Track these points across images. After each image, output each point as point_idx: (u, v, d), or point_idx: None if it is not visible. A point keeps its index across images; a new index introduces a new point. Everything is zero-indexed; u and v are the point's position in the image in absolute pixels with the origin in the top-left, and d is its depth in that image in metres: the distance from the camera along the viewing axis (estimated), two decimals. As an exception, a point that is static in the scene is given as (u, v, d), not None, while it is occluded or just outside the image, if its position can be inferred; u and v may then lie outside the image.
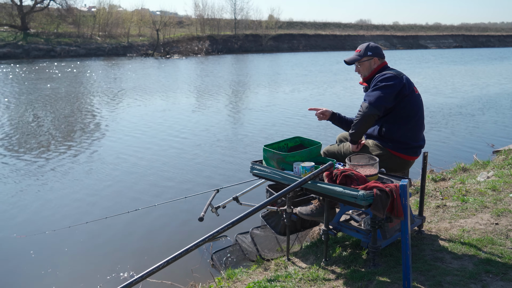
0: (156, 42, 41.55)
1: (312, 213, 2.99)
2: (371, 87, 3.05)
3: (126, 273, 3.74)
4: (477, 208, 3.53)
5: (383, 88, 2.96)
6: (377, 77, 3.07)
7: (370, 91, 3.04)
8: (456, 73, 22.88)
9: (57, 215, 4.97)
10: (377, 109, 2.93)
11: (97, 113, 11.45)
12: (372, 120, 2.97)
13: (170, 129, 9.46)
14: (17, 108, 12.03)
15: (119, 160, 7.05)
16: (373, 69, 3.19)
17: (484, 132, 9.06)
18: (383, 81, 3.00)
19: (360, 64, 3.22)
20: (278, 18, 59.81)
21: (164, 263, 2.32)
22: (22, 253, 4.10)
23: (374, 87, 3.01)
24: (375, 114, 2.94)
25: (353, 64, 3.25)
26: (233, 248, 3.78)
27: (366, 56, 3.18)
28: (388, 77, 3.01)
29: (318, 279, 2.66)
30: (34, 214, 5.00)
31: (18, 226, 4.69)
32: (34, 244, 4.28)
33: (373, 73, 3.19)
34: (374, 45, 3.23)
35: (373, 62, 3.19)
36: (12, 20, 38.44)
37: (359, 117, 2.98)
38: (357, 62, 3.22)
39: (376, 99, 2.94)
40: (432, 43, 62.83)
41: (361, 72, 3.24)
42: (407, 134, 3.02)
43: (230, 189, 4.20)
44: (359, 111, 2.99)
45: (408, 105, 3.01)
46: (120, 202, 5.33)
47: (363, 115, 2.95)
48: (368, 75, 3.21)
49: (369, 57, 3.18)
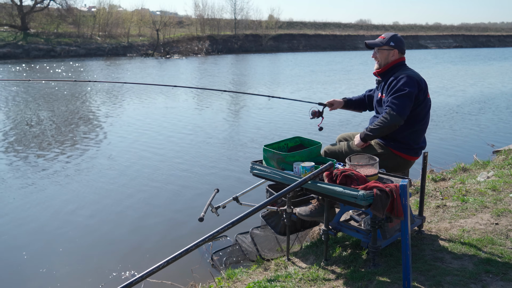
0: (156, 42, 41.54)
1: (311, 213, 2.99)
2: (393, 88, 2.95)
3: (127, 273, 3.73)
4: (477, 208, 3.53)
5: (408, 96, 2.89)
6: (401, 78, 2.96)
7: (394, 95, 2.92)
8: (456, 73, 22.88)
9: (57, 215, 4.97)
10: (403, 119, 2.89)
11: (97, 113, 11.45)
12: (395, 129, 2.94)
13: (170, 129, 9.46)
14: (17, 108, 12.03)
15: (119, 160, 7.05)
16: (391, 61, 3.11)
17: (484, 132, 9.06)
18: (408, 85, 2.92)
19: (379, 50, 3.13)
20: (278, 18, 59.88)
21: (164, 263, 2.32)
22: (22, 253, 4.09)
23: (400, 92, 2.91)
24: (400, 124, 2.90)
25: (372, 48, 3.17)
26: (233, 248, 3.78)
27: (388, 46, 3.10)
28: (412, 81, 2.94)
29: (318, 279, 2.66)
30: (34, 213, 5.00)
31: (19, 225, 4.69)
32: (34, 244, 4.28)
33: (389, 66, 3.11)
34: (400, 37, 3.15)
35: (392, 53, 3.11)
36: (12, 20, 38.44)
37: (383, 124, 2.90)
38: (377, 47, 3.13)
39: (404, 109, 2.87)
40: (432, 43, 62.81)
41: (378, 59, 3.15)
42: (411, 136, 3.03)
43: (230, 189, 4.20)
44: (385, 118, 2.90)
45: (418, 110, 2.99)
46: (120, 202, 5.33)
47: (389, 124, 2.88)
48: (384, 67, 3.12)
49: (390, 48, 3.10)
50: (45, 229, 4.62)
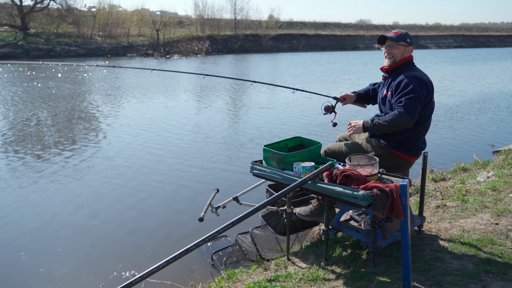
0: (156, 42, 41.54)
1: (311, 213, 2.99)
2: (404, 89, 2.89)
3: (127, 273, 3.73)
4: (477, 208, 3.53)
5: (420, 100, 2.87)
6: (413, 79, 2.91)
7: (406, 97, 2.86)
8: (456, 73, 22.88)
9: (57, 215, 4.97)
10: (413, 122, 2.87)
11: (97, 112, 11.45)
12: (401, 129, 2.91)
13: (170, 129, 9.46)
14: (16, 107, 12.03)
15: (119, 160, 7.05)
16: (404, 58, 3.07)
17: (484, 132, 9.06)
18: (420, 88, 2.88)
19: (397, 46, 3.04)
20: (278, 18, 59.85)
21: (164, 263, 2.32)
22: (22, 253, 4.09)
23: (412, 94, 2.85)
24: (409, 126, 2.88)
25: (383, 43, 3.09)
26: (233, 248, 3.78)
27: (405, 42, 3.05)
28: (423, 84, 2.91)
29: (318, 279, 2.66)
30: (34, 214, 5.00)
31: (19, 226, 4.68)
32: (34, 244, 4.28)
33: (401, 63, 3.06)
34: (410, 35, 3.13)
35: (407, 50, 3.07)
36: (12, 20, 38.42)
37: (392, 122, 2.85)
38: (394, 42, 3.04)
39: (416, 112, 2.85)
40: (432, 43, 62.80)
41: (393, 55, 3.05)
42: (412, 137, 3.03)
43: (230, 189, 4.20)
44: (396, 117, 2.84)
45: (422, 112, 2.97)
46: (120, 202, 5.33)
47: (398, 124, 2.84)
48: (396, 63, 3.06)
49: (407, 44, 3.05)
50: (45, 229, 4.62)
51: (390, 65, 3.09)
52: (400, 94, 2.92)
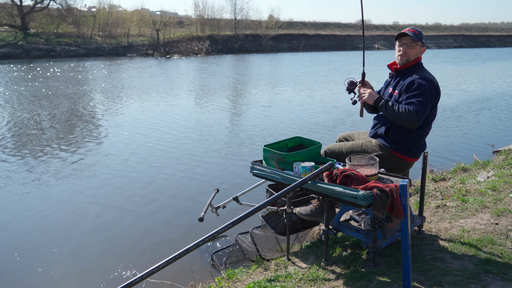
0: (156, 42, 41.54)
1: (311, 213, 2.99)
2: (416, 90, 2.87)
3: (127, 273, 3.73)
4: (477, 208, 3.53)
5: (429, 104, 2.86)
6: (425, 81, 2.88)
7: (417, 98, 2.84)
8: (456, 73, 22.89)
9: (57, 215, 4.97)
10: (419, 124, 2.86)
11: (97, 112, 11.45)
12: (404, 127, 2.91)
13: (170, 129, 9.46)
14: (16, 107, 12.03)
15: (118, 160, 7.05)
16: (417, 58, 3.04)
17: (484, 132, 9.07)
18: (431, 91, 2.87)
19: (412, 45, 2.98)
20: (278, 18, 59.88)
21: (164, 263, 2.33)
22: (22, 253, 4.09)
23: (424, 97, 2.83)
24: (413, 128, 2.88)
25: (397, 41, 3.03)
26: (233, 248, 3.78)
27: (421, 42, 3.01)
28: (434, 86, 2.90)
29: (318, 279, 2.66)
30: (34, 213, 5.00)
31: (19, 225, 4.69)
32: (34, 244, 4.28)
33: (412, 64, 3.02)
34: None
35: (421, 51, 3.04)
36: (12, 20, 38.43)
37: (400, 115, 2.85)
38: (411, 41, 2.97)
39: (424, 115, 2.84)
40: (432, 43, 62.79)
41: (407, 54, 2.99)
42: (413, 139, 3.03)
43: (230, 189, 4.20)
44: (407, 112, 2.83)
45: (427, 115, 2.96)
46: (120, 202, 5.33)
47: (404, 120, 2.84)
48: (409, 63, 3.01)
49: (422, 44, 3.03)
50: (44, 229, 4.62)
51: (402, 65, 3.05)
52: (412, 94, 2.89)
